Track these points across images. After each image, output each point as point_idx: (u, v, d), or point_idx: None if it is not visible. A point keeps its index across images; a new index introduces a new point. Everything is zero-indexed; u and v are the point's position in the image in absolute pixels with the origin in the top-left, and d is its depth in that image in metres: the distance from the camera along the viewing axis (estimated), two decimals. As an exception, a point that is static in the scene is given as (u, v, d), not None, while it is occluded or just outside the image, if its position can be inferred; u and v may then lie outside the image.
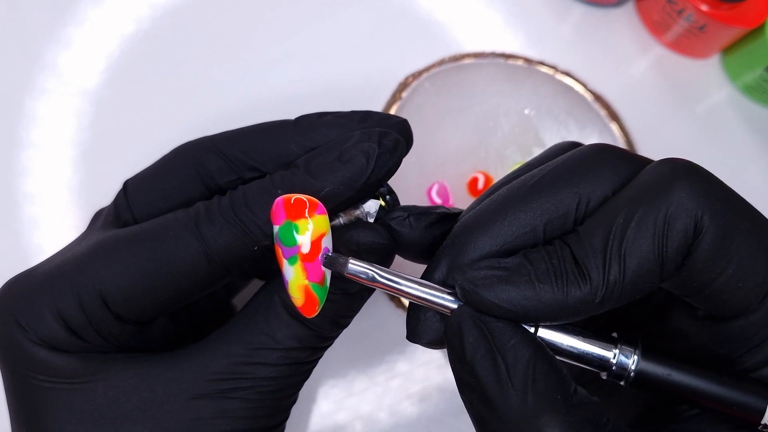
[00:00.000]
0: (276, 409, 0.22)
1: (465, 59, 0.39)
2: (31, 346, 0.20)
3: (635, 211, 0.18)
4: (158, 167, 0.23)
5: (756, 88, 0.40)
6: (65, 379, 0.20)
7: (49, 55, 0.37)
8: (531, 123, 0.38)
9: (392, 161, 0.20)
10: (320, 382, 0.33)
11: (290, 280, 0.19)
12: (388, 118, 0.22)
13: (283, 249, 0.19)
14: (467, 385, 0.19)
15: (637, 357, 0.20)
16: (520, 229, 0.19)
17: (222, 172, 0.22)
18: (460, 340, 0.19)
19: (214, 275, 0.20)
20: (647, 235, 0.18)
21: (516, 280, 0.18)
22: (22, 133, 0.36)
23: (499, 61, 0.39)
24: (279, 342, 0.21)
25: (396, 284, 0.19)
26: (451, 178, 0.36)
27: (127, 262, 0.20)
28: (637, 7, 0.42)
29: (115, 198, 0.23)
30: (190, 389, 0.20)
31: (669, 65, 0.41)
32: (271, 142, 0.22)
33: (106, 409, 0.20)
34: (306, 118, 0.22)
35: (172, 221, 0.20)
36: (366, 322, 0.34)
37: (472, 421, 0.19)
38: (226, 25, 0.39)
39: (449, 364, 0.20)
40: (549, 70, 0.39)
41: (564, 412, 0.18)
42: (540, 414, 0.17)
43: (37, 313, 0.20)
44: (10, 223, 0.35)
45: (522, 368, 0.18)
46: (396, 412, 0.33)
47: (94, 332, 0.20)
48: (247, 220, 0.20)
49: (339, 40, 0.39)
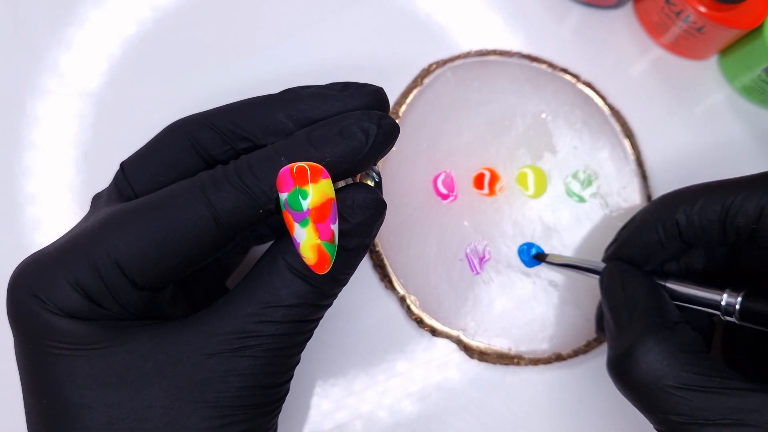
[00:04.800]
0: (281, 367, 0.23)
1: (490, 55, 0.39)
2: (51, 316, 0.21)
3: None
4: (152, 145, 0.24)
5: (754, 89, 0.40)
6: (86, 346, 0.21)
7: (50, 56, 0.37)
8: (546, 127, 0.38)
9: (388, 142, 0.22)
10: (320, 382, 0.34)
11: (302, 241, 0.21)
12: (366, 86, 0.24)
13: (293, 214, 0.20)
14: (605, 314, 0.29)
15: (741, 298, 0.27)
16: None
17: (215, 143, 0.23)
18: (604, 283, 0.30)
19: (222, 238, 0.22)
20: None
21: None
22: (23, 133, 0.36)
23: (524, 62, 0.39)
24: (283, 299, 0.22)
25: (577, 264, 0.33)
26: (459, 170, 0.37)
27: (139, 231, 0.21)
28: (636, 9, 0.42)
29: (114, 178, 0.24)
30: (202, 349, 0.21)
31: (667, 66, 0.42)
32: (260, 114, 0.23)
33: (125, 373, 0.21)
34: (290, 91, 0.24)
35: (179, 190, 0.21)
36: (366, 321, 0.35)
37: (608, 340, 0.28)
38: (228, 26, 0.39)
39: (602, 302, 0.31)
40: (571, 78, 0.39)
41: (658, 330, 0.25)
42: (640, 329, 0.26)
43: (54, 284, 0.21)
44: (12, 223, 0.35)
45: (637, 297, 0.27)
46: (396, 411, 0.34)
47: (112, 299, 0.21)
48: (252, 185, 0.21)
49: (339, 40, 0.39)
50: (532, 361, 0.35)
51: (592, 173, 0.38)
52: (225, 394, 0.21)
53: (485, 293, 0.35)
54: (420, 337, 0.35)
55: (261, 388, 0.22)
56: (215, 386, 0.21)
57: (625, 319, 0.27)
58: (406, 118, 0.37)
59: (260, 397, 0.22)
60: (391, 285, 0.35)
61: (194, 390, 0.21)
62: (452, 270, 0.35)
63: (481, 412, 0.34)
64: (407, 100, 0.37)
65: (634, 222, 0.30)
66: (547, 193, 0.37)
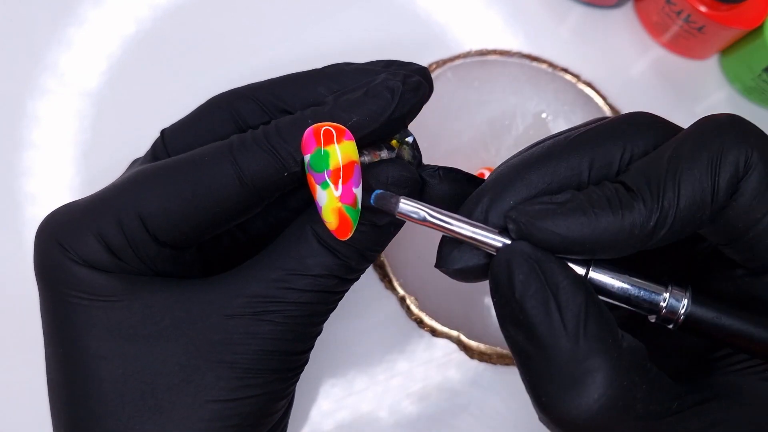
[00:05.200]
0: (302, 335, 0.23)
1: (491, 55, 0.39)
2: (72, 265, 0.21)
3: (686, 147, 0.19)
4: (194, 115, 0.24)
5: (754, 89, 0.40)
6: (104, 297, 0.21)
7: (50, 56, 0.37)
8: (546, 127, 0.38)
9: (415, 99, 0.22)
10: (320, 382, 0.34)
11: (324, 204, 0.20)
12: (410, 64, 0.23)
13: (315, 175, 0.20)
14: (513, 322, 0.19)
15: (688, 300, 0.20)
16: (567, 171, 0.20)
17: (254, 114, 0.23)
18: (509, 277, 0.19)
19: (247, 200, 0.22)
20: (701, 166, 0.18)
21: (571, 210, 0.19)
22: (23, 133, 0.36)
23: (524, 62, 0.39)
24: (308, 268, 0.22)
25: (447, 224, 0.20)
26: None
27: (165, 187, 0.21)
28: (636, 8, 0.42)
29: (153, 144, 0.25)
30: (223, 310, 0.21)
31: (668, 66, 0.42)
32: (301, 87, 0.23)
33: (141, 326, 0.21)
34: (334, 66, 0.24)
35: (208, 149, 0.22)
36: (366, 321, 0.35)
37: (514, 357, 0.20)
38: (227, 25, 0.39)
39: (491, 299, 0.20)
40: (572, 78, 0.39)
41: (615, 355, 0.18)
42: (590, 355, 0.18)
43: (79, 234, 0.21)
44: (12, 223, 0.35)
45: (575, 309, 0.18)
46: (396, 411, 0.34)
47: (132, 253, 0.21)
48: (279, 147, 0.21)
49: (339, 40, 0.39)
50: (532, 361, 0.34)
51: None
52: (243, 356, 0.21)
53: (485, 293, 0.35)
54: (420, 337, 0.35)
55: (280, 354, 0.22)
56: (234, 347, 0.21)
57: (560, 338, 0.18)
58: (406, 118, 0.37)
59: (278, 363, 0.22)
60: (391, 285, 0.35)
61: (212, 349, 0.21)
62: (452, 270, 0.35)
63: (482, 412, 0.34)
64: (407, 99, 0.37)
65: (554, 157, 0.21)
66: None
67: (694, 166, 0.18)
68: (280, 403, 0.23)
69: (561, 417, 0.18)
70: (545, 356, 0.18)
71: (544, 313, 0.18)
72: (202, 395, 0.21)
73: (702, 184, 0.18)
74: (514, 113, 0.38)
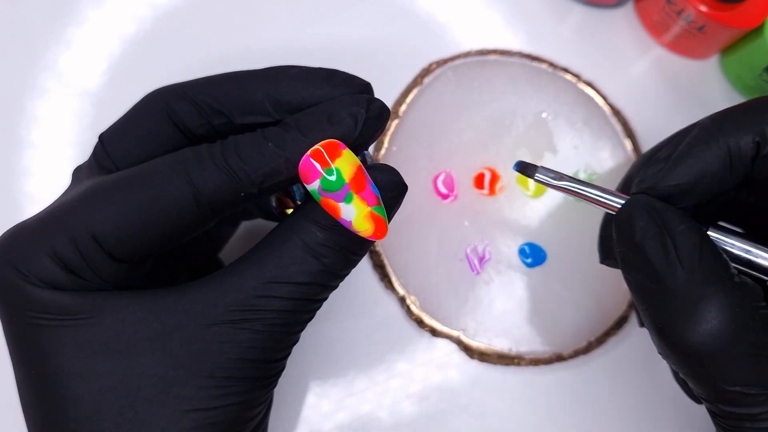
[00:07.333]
0: (281, 343, 0.23)
1: (491, 55, 0.39)
2: (33, 288, 0.20)
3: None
4: (130, 116, 0.24)
5: (755, 88, 0.40)
6: (70, 316, 0.21)
7: (49, 55, 0.37)
8: (546, 127, 0.38)
9: (377, 126, 0.22)
10: (320, 382, 0.34)
11: (354, 216, 0.20)
12: (354, 79, 0.23)
13: (333, 195, 0.20)
14: (633, 264, 0.22)
15: None
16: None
17: (191, 116, 0.23)
18: (630, 224, 0.22)
19: (202, 217, 0.21)
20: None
21: (675, 159, 0.22)
22: (22, 133, 0.36)
23: (524, 62, 0.39)
24: (291, 276, 0.22)
25: (576, 187, 0.24)
26: (459, 169, 0.37)
27: (117, 204, 0.21)
28: (637, 8, 0.42)
29: (93, 151, 0.24)
30: (201, 319, 0.21)
31: (668, 66, 0.41)
32: (239, 91, 0.23)
33: (114, 341, 0.21)
34: (273, 69, 0.23)
35: (161, 165, 0.21)
36: (366, 322, 0.35)
37: (634, 298, 0.22)
38: (228, 25, 0.39)
39: (616, 247, 0.23)
40: (572, 78, 0.39)
41: (728, 287, 0.20)
42: (705, 286, 0.20)
43: (33, 256, 0.21)
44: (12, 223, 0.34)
45: (689, 248, 0.21)
46: (396, 412, 0.33)
47: (90, 271, 0.21)
48: (236, 167, 0.21)
49: (339, 40, 0.39)
50: (532, 362, 0.34)
51: (592, 173, 0.38)
52: (222, 365, 0.21)
53: (485, 293, 0.35)
54: (420, 337, 0.35)
55: (259, 362, 0.22)
56: (212, 357, 0.21)
57: (676, 270, 0.21)
58: (406, 118, 0.37)
59: (257, 371, 0.22)
60: (391, 285, 0.35)
61: (190, 359, 0.21)
62: (452, 270, 0.35)
63: (482, 412, 0.34)
64: (407, 99, 0.37)
65: (687, 139, 0.24)
66: (547, 192, 0.37)
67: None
68: (257, 409, 0.23)
69: (677, 341, 0.21)
70: (663, 288, 0.21)
71: (661, 252, 0.21)
72: (182, 405, 0.21)
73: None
74: (514, 113, 0.38)
